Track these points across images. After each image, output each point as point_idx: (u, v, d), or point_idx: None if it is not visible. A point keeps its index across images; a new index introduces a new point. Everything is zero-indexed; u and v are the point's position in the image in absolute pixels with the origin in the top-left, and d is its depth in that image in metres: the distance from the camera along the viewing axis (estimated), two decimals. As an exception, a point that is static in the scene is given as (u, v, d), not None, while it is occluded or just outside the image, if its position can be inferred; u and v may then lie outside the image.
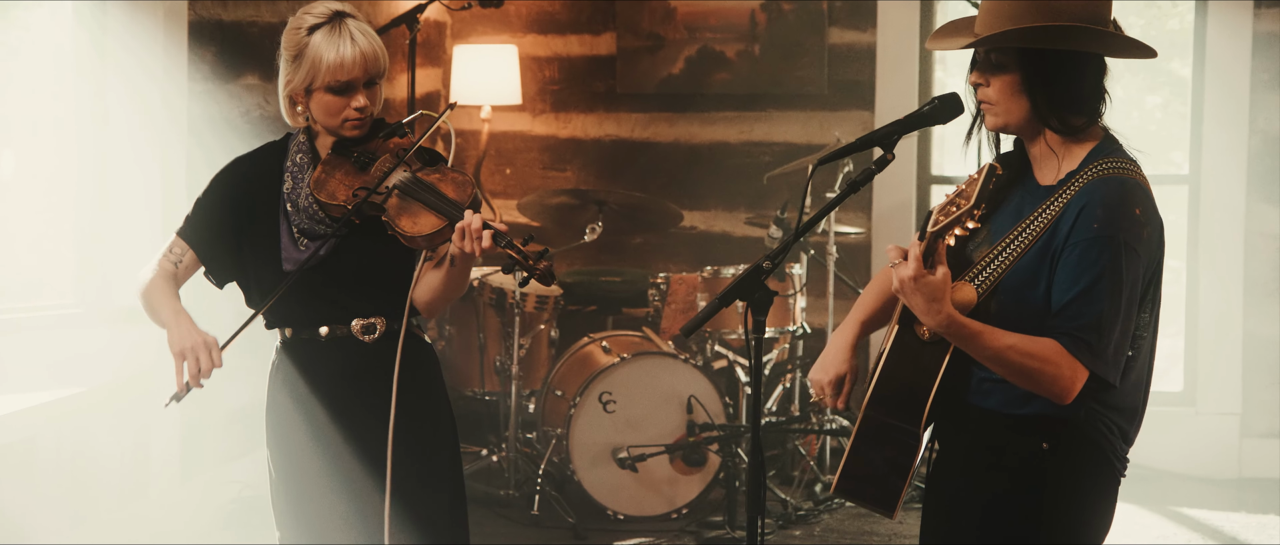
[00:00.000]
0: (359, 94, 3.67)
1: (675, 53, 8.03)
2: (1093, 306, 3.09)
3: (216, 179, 3.83)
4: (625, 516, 6.47)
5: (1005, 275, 3.21)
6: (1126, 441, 3.33)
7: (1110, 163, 3.22)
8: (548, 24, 8.24)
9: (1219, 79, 7.34)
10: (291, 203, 3.71)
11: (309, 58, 3.64)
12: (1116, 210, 3.13)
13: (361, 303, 3.74)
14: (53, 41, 5.73)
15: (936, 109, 3.31)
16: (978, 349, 3.12)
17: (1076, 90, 3.25)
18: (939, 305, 3.07)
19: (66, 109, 5.76)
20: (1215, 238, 7.41)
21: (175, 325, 3.65)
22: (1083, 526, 3.32)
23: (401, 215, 3.61)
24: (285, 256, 3.71)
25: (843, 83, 7.86)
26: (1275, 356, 7.38)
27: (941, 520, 3.43)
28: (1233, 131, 7.34)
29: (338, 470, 3.76)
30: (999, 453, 3.29)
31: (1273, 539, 6.46)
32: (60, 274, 5.80)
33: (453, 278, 3.69)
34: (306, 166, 3.74)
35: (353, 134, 3.71)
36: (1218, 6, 7.31)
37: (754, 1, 7.89)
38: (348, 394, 3.77)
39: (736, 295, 3.25)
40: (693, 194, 8.05)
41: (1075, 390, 3.11)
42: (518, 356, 6.77)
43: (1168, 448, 7.38)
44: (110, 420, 5.75)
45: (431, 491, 3.81)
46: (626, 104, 8.17)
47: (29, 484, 5.35)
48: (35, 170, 5.84)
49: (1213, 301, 7.44)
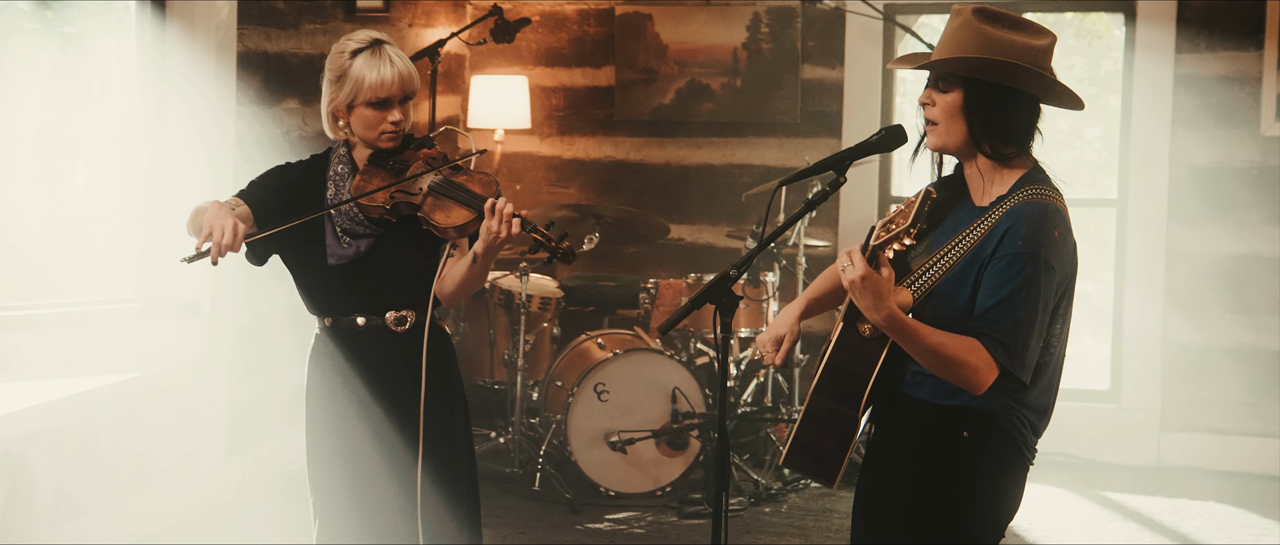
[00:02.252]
0: (395, 109, 3.74)
1: (667, 85, 8.11)
2: (1012, 312, 3.16)
3: (270, 171, 3.89)
4: (616, 493, 6.54)
5: (939, 283, 3.27)
6: (1036, 434, 3.39)
7: (1035, 189, 3.27)
8: (555, 58, 8.33)
9: (1144, 115, 7.41)
10: (334, 208, 3.77)
11: (352, 77, 3.72)
12: (1038, 230, 3.19)
13: (395, 295, 3.82)
14: (119, 68, 5.82)
15: (883, 138, 3.37)
16: (911, 343, 3.18)
17: (1010, 122, 3.31)
18: (882, 302, 3.12)
19: (131, 127, 5.85)
20: (1139, 254, 7.48)
21: (213, 205, 3.63)
22: (994, 505, 3.39)
23: (435, 211, 3.70)
24: (330, 252, 3.77)
25: (814, 113, 7.94)
26: (1190, 360, 7.46)
27: (874, 494, 3.49)
28: (1155, 161, 7.42)
29: (372, 447, 3.82)
30: (925, 437, 3.36)
31: (1185, 519, 6.56)
32: (123, 271, 5.89)
33: (475, 270, 3.75)
34: (347, 175, 3.81)
35: (388, 146, 3.78)
36: (1144, 52, 7.37)
37: (737, 41, 7.98)
38: (382, 378, 3.83)
39: (706, 299, 3.31)
40: (680, 209, 8.13)
41: (987, 383, 3.18)
42: (523, 350, 6.84)
43: (1095, 439, 7.47)
44: (164, 402, 5.81)
45: (452, 476, 3.87)
46: (623, 129, 8.25)
47: (91, 459, 5.42)
48: (104, 180, 5.93)
49: (1136, 310, 7.51)
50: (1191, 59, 7.35)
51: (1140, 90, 7.43)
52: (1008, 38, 3.29)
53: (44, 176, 5.64)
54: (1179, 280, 7.45)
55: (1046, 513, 6.58)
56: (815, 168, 3.41)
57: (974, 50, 3.28)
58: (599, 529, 6.19)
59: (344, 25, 6.85)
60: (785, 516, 6.41)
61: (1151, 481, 7.18)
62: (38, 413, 5.09)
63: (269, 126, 6.26)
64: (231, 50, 6.01)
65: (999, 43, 3.27)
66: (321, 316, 3.88)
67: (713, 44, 8.01)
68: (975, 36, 3.29)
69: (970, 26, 3.30)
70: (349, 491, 3.84)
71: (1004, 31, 3.29)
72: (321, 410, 3.88)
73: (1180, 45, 7.35)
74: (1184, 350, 7.47)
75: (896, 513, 3.39)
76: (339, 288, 3.80)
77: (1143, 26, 7.39)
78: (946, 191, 3.45)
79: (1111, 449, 7.49)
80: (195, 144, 5.87)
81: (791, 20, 7.89)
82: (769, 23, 7.93)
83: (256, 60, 6.23)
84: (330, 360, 3.86)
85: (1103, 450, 7.48)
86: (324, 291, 3.83)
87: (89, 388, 5.39)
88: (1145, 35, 7.39)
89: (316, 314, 3.90)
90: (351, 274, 3.79)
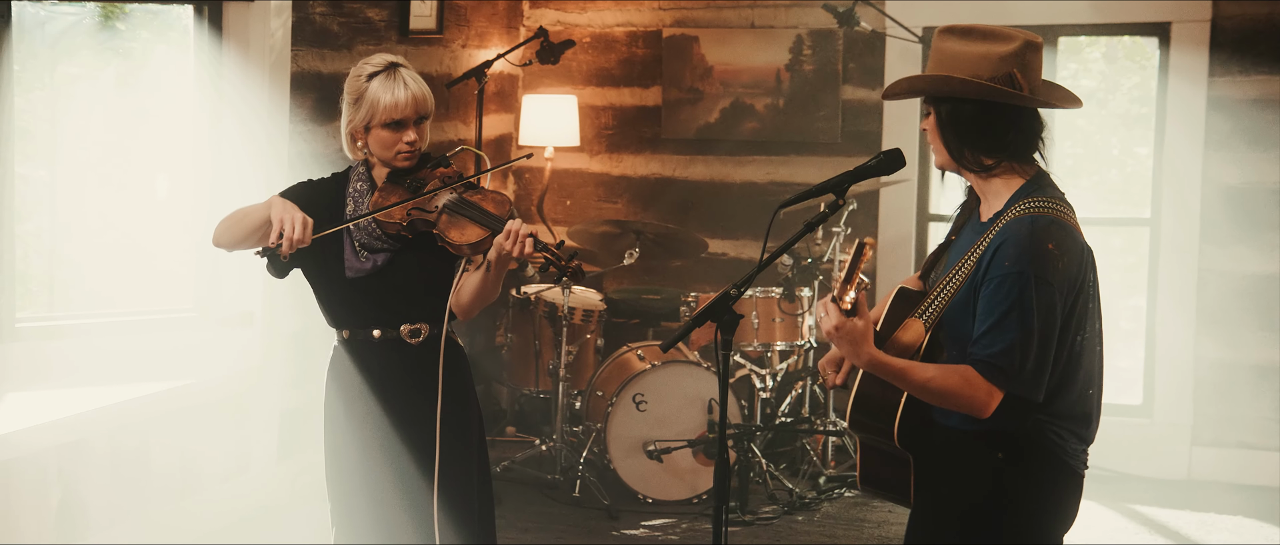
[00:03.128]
0: (410, 130, 3.73)
1: (712, 104, 8.06)
2: (1004, 336, 3.06)
3: (294, 187, 3.87)
4: (653, 500, 6.49)
5: (946, 309, 3.19)
6: (1083, 441, 3.27)
7: (1030, 202, 3.16)
8: (604, 78, 8.30)
9: (1177, 136, 7.29)
10: (353, 223, 3.76)
11: (368, 100, 3.71)
12: (1025, 248, 3.08)
13: (410, 309, 3.79)
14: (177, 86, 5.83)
15: (881, 162, 3.29)
16: (902, 384, 3.10)
17: (982, 133, 3.19)
18: (860, 348, 3.05)
19: (187, 142, 5.86)
20: (1172, 273, 7.36)
21: (278, 199, 3.66)
22: (1041, 523, 3.28)
23: (450, 228, 3.68)
24: (348, 266, 3.76)
25: (854, 132, 7.86)
26: (1221, 376, 7.32)
27: (923, 530, 3.38)
28: (1188, 182, 7.30)
29: (387, 458, 3.80)
30: (964, 466, 3.25)
31: (1213, 533, 6.42)
32: (181, 282, 5.90)
33: (489, 282, 3.73)
34: (366, 192, 3.80)
35: (404, 165, 3.77)
36: (1177, 75, 7.27)
37: (779, 62, 7.92)
38: (396, 390, 3.81)
39: (708, 317, 3.24)
40: (724, 225, 8.07)
41: (991, 408, 3.08)
42: (565, 361, 6.80)
43: (1127, 453, 7.34)
44: (218, 409, 5.82)
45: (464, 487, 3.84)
46: (670, 147, 8.20)
47: (144, 463, 5.43)
48: (162, 193, 5.95)
49: (1169, 327, 7.38)
50: (1224, 82, 7.23)
51: (1173, 112, 7.31)
52: (965, 50, 3.17)
53: (104, 190, 5.66)
54: (1210, 298, 7.32)
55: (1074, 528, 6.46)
56: (815, 190, 3.33)
57: (932, 69, 3.19)
58: (635, 535, 6.14)
59: (397, 46, 6.84)
60: (818, 525, 6.34)
61: (1181, 496, 7.04)
62: (94, 417, 5.11)
63: (320, 145, 6.26)
64: (285, 70, 6.01)
65: (955, 57, 3.17)
66: (340, 329, 3.87)
67: (756, 65, 7.95)
68: (936, 56, 3.21)
69: (935, 48, 3.22)
70: (365, 501, 3.81)
71: (964, 44, 3.17)
72: (339, 421, 3.87)
73: (1213, 69, 7.23)
74: (1215, 366, 7.33)
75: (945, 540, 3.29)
76: (356, 301, 3.79)
77: (1176, 50, 7.27)
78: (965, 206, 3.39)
79: (1143, 463, 7.36)
80: (249, 160, 5.87)
81: (833, 42, 7.82)
82: (811, 45, 7.86)
83: (310, 80, 6.22)
84: (348, 372, 3.85)
85: (1134, 464, 7.35)
86: (342, 305, 3.82)
87: (145, 394, 5.41)
88: (1179, 59, 7.27)
89: (335, 326, 3.89)
90: (368, 288, 3.77)
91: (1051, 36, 7.49)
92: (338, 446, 3.87)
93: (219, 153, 5.87)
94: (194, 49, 5.81)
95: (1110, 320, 7.73)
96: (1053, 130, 3.19)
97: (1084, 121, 7.88)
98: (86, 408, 5.09)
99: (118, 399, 5.26)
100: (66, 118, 5.50)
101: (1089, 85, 7.87)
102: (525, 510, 6.42)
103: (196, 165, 5.86)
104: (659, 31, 8.13)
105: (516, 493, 6.64)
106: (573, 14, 8.27)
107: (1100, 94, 7.88)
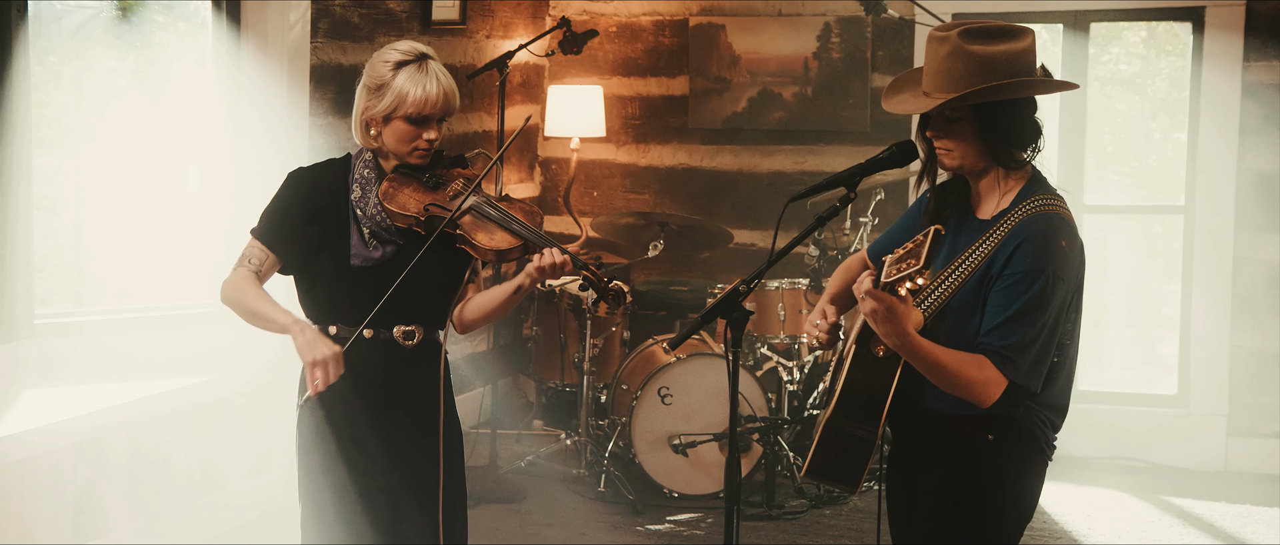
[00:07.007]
0: (432, 127, 3.57)
1: (739, 94, 7.96)
2: (1021, 329, 3.13)
3: (286, 184, 3.67)
4: (679, 494, 6.40)
5: (950, 300, 3.22)
6: (1055, 429, 3.39)
7: (1039, 201, 3.24)
8: (630, 68, 8.20)
9: (1211, 123, 7.16)
10: (360, 209, 3.59)
11: (394, 90, 3.52)
12: (1045, 246, 3.16)
13: (408, 308, 3.61)
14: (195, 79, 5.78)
15: (894, 154, 3.30)
16: (922, 363, 3.13)
17: (1019, 131, 3.26)
18: (901, 329, 3.06)
19: (206, 136, 5.81)
20: (1207, 261, 7.22)
21: (300, 333, 3.47)
22: (1017, 500, 3.38)
23: (477, 231, 3.54)
24: (354, 254, 3.58)
25: (883, 121, 7.74)
26: (1259, 365, 7.18)
27: (907, 503, 3.48)
28: (1223, 169, 7.16)
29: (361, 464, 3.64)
30: (949, 444, 3.34)
31: (1247, 524, 6.30)
32: (201, 278, 5.84)
33: (511, 301, 3.63)
34: (373, 180, 3.62)
35: (418, 162, 3.60)
36: (1211, 61, 7.13)
37: (807, 50, 7.81)
38: (383, 395, 3.64)
39: (717, 313, 3.22)
40: (752, 215, 7.97)
41: (995, 397, 3.16)
42: (590, 354, 6.72)
43: (1162, 443, 7.23)
44: (239, 405, 5.78)
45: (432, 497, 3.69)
46: (697, 137, 8.11)
47: (165, 460, 5.40)
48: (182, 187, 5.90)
49: (1204, 316, 7.25)
50: (1259, 67, 7.09)
51: (1207, 99, 7.17)
52: (998, 53, 3.19)
53: (123, 183, 5.61)
54: (1245, 286, 7.19)
55: (1105, 517, 6.35)
56: (826, 183, 3.36)
57: (975, 78, 3.18)
58: (659, 530, 6.05)
59: (419, 38, 6.76)
60: (846, 519, 6.24)
61: (1217, 487, 6.90)
62: (113, 414, 5.08)
63: (341, 136, 6.19)
64: (304, 62, 5.94)
65: (991, 62, 3.18)
66: (326, 324, 3.63)
67: (784, 54, 7.85)
68: (967, 63, 3.19)
69: (960, 53, 3.20)
70: (334, 509, 3.63)
71: (992, 46, 3.19)
72: (314, 421, 3.66)
73: (1248, 54, 7.09)
74: (1251, 355, 7.20)
75: (921, 513, 3.40)
76: (355, 292, 3.58)
77: (1210, 36, 7.13)
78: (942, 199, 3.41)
79: (1179, 453, 7.24)
80: (268, 153, 5.78)
81: (861, 30, 7.70)
82: (839, 32, 7.75)
83: (330, 73, 6.15)
84: None
85: (1170, 455, 7.23)
86: (340, 293, 3.61)
87: (165, 390, 5.37)
88: (1213, 45, 7.13)
89: (319, 321, 3.64)
90: (370, 278, 3.58)
91: (1083, 22, 7.36)
92: (309, 451, 3.68)
93: (239, 147, 5.81)
94: (212, 41, 5.75)
95: (1150, 309, 7.63)
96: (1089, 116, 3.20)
97: (1124, 106, 7.75)
98: (105, 404, 5.05)
99: (137, 396, 5.22)
100: (77, 115, 5.44)
101: (1129, 71, 7.74)
102: (549, 505, 6.34)
103: (217, 160, 5.80)
104: (685, 20, 8.03)
105: (541, 488, 6.56)
106: (599, 3, 8.18)
107: (1141, 80, 7.74)
